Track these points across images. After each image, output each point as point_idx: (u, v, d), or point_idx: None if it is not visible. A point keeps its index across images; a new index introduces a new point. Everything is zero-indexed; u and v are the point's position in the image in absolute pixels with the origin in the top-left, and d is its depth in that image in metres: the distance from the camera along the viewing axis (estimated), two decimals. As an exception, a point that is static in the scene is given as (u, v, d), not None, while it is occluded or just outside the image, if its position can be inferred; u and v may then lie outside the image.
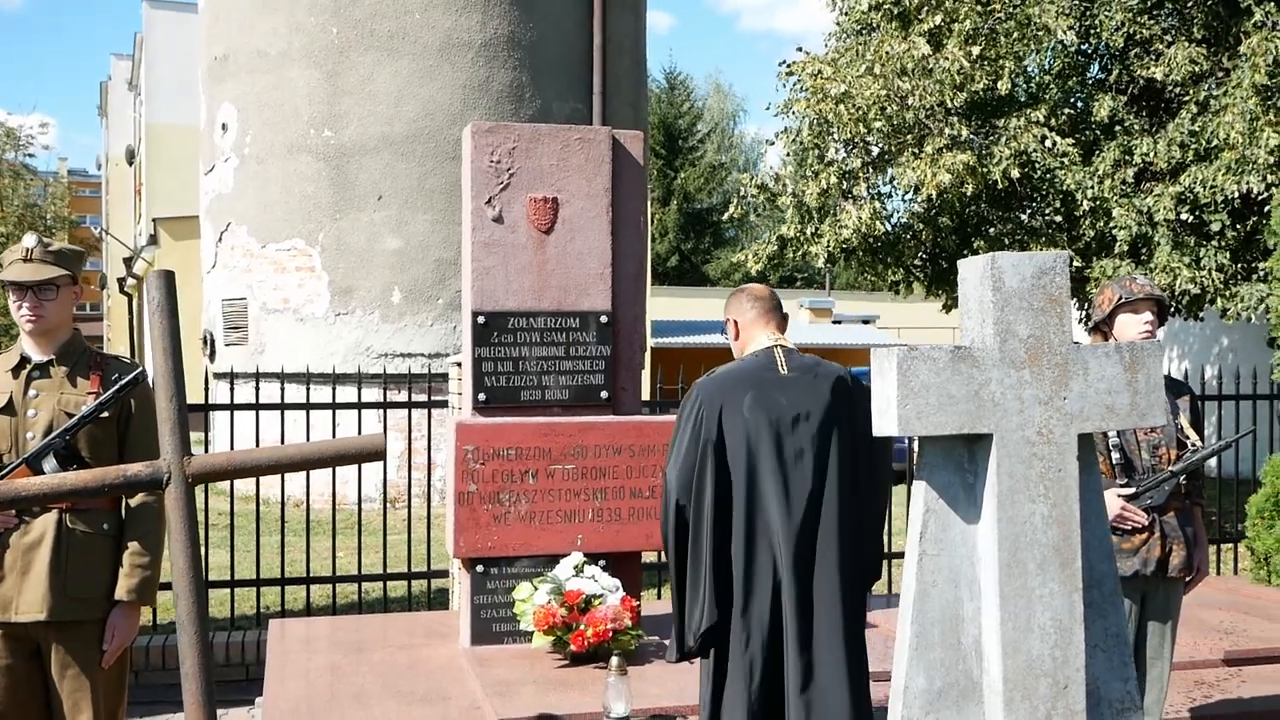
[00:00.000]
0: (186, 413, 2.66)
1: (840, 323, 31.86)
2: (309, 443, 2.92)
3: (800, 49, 9.75)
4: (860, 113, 8.68)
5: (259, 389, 6.43)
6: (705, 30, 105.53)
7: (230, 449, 5.95)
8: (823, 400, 3.28)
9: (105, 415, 3.43)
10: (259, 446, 3.90)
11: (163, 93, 28.90)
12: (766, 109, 13.21)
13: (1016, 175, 8.48)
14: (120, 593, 3.45)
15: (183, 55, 24.90)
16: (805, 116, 9.21)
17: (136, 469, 2.65)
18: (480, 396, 4.85)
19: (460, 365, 5.49)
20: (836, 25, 10.66)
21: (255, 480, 6.52)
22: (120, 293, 26.18)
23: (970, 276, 2.59)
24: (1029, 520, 2.51)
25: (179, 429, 2.62)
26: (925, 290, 10.77)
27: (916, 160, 8.54)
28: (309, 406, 6.43)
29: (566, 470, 4.78)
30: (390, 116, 12.29)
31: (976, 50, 8.47)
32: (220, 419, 10.10)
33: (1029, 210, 9.59)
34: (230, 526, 6.87)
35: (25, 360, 3.52)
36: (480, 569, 4.81)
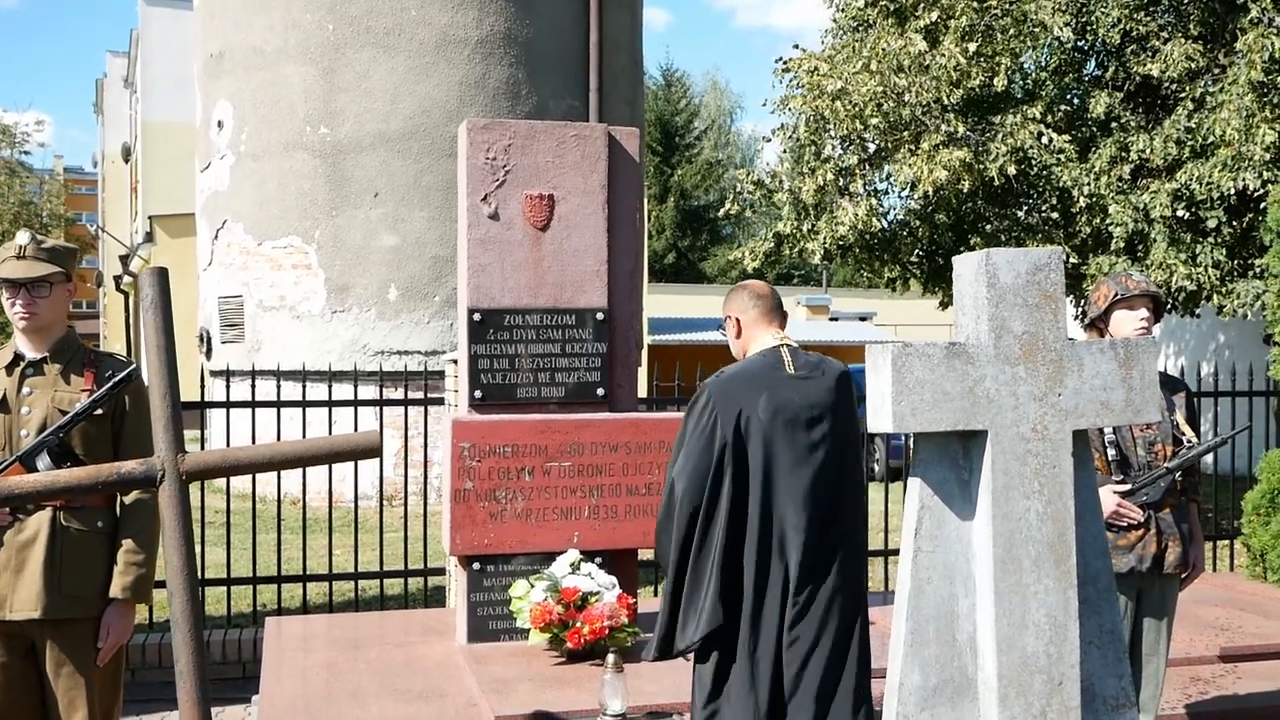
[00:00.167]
0: (180, 409, 2.66)
1: (837, 320, 31.89)
2: (304, 440, 2.92)
3: (797, 46, 9.76)
4: (857, 109, 8.68)
5: (255, 386, 6.41)
6: (702, 27, 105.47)
7: (226, 447, 5.94)
8: (831, 399, 3.28)
9: (99, 412, 3.42)
10: (254, 444, 3.90)
11: (159, 90, 28.84)
12: (763, 106, 13.22)
13: (1013, 172, 8.48)
14: (115, 590, 3.44)
15: (179, 52, 24.83)
16: (802, 113, 9.21)
17: (130, 466, 2.65)
18: (476, 394, 4.84)
19: (456, 362, 5.48)
20: (833, 22, 10.68)
21: (252, 478, 6.51)
22: (117, 290, 26.13)
23: (965, 272, 2.59)
24: (1024, 517, 2.51)
25: (173, 426, 2.61)
26: (922, 287, 10.78)
27: (913, 157, 8.54)
28: (305, 404, 6.41)
29: (563, 467, 4.77)
30: (386, 113, 12.27)
31: (973, 47, 8.47)
32: (216, 416, 10.10)
33: (1025, 207, 9.59)
34: (227, 524, 6.88)
35: (19, 358, 3.51)
36: (477, 566, 4.80)
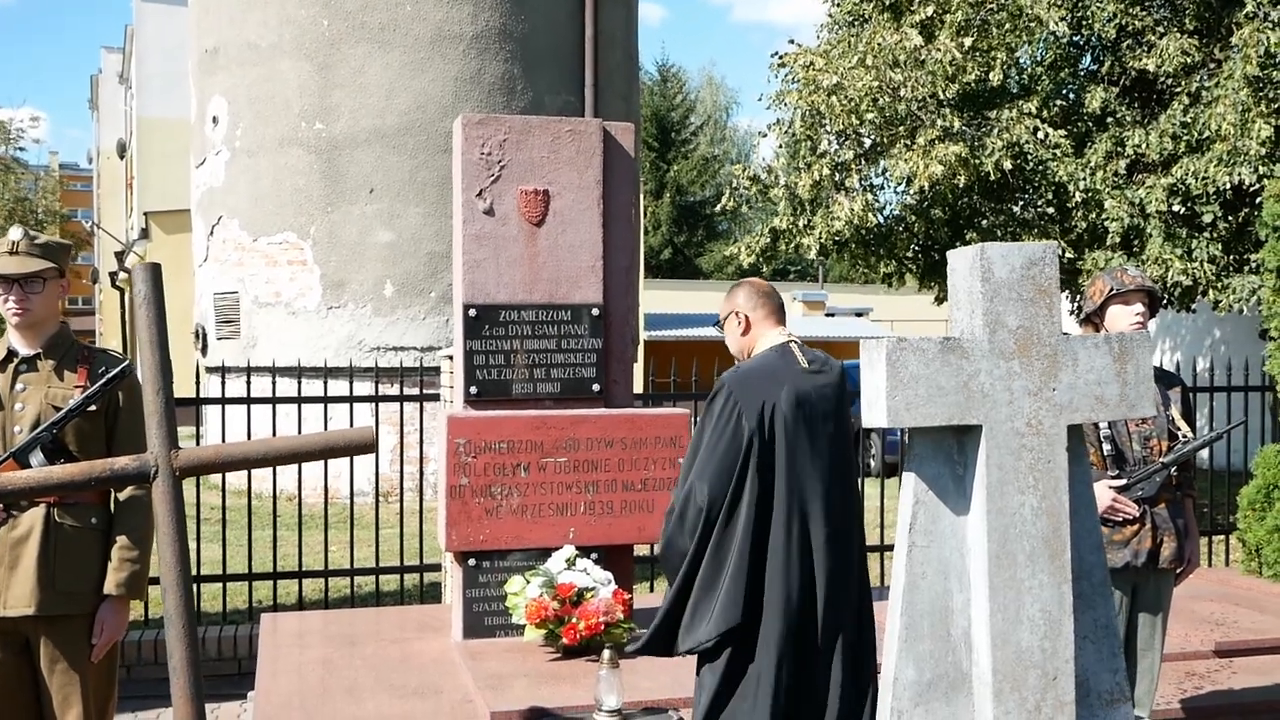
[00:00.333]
0: (174, 406, 2.65)
1: (833, 315, 31.94)
2: (298, 436, 2.91)
3: (792, 41, 9.75)
4: (852, 104, 8.68)
5: (250, 383, 6.40)
6: (697, 22, 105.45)
7: (222, 443, 5.93)
8: (838, 395, 3.32)
9: (93, 409, 3.41)
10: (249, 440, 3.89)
11: (153, 86, 28.81)
12: (759, 101, 13.23)
13: (1009, 167, 8.48)
14: (109, 587, 3.43)
15: (174, 48, 24.80)
16: (797, 108, 9.20)
17: (123, 462, 2.64)
18: (472, 389, 4.84)
19: (452, 358, 5.48)
20: (829, 17, 10.68)
21: (247, 474, 6.50)
22: (112, 287, 26.15)
23: (959, 267, 2.58)
24: (1018, 512, 2.51)
25: (166, 422, 2.61)
26: (918, 282, 10.79)
27: (909, 152, 8.54)
28: (301, 400, 6.40)
29: (558, 463, 4.77)
30: (382, 109, 12.25)
31: (968, 41, 8.46)
32: (212, 413, 10.08)
33: (1021, 202, 9.59)
34: (223, 520, 6.86)
35: (12, 354, 3.50)
36: (472, 562, 4.80)
